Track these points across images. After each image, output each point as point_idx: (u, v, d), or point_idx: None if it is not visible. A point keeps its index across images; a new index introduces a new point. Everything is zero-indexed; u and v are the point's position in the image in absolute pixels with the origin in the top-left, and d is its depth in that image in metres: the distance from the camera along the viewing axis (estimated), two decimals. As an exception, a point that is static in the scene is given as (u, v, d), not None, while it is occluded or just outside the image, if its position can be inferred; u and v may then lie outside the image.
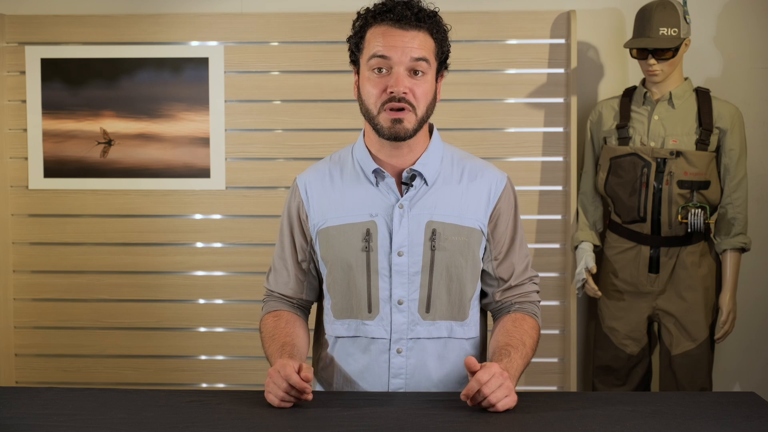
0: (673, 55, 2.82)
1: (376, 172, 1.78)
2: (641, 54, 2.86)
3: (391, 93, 1.69)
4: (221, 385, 3.27)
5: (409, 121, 1.71)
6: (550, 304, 3.19)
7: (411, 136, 1.73)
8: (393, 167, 1.79)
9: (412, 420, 1.55)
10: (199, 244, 3.25)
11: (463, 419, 1.55)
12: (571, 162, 3.11)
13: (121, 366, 3.29)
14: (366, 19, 1.74)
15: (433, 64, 1.74)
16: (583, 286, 3.03)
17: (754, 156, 3.15)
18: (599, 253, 3.08)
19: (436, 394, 1.74)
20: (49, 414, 1.59)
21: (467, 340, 1.83)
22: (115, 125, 3.21)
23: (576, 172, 3.12)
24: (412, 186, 1.78)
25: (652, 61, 2.83)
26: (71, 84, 3.20)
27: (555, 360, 3.23)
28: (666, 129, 2.88)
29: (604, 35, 3.23)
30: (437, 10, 1.76)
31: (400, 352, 1.78)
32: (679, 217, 2.85)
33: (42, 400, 1.68)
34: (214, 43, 3.19)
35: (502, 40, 3.16)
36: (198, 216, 3.24)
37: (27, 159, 3.23)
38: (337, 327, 1.82)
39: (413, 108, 1.71)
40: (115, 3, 3.24)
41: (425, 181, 1.78)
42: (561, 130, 3.17)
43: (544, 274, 3.17)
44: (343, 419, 1.55)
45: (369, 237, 1.77)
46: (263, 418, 1.56)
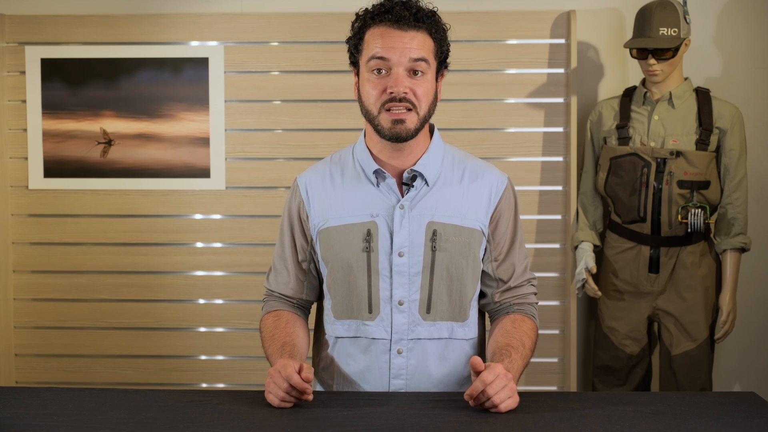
0: (673, 55, 2.82)
1: (376, 173, 1.78)
2: (641, 54, 2.86)
3: (391, 93, 1.69)
4: (221, 385, 3.27)
5: (411, 121, 1.71)
6: (550, 304, 3.19)
7: (413, 136, 1.73)
8: (394, 168, 1.79)
9: (412, 420, 1.55)
10: (199, 244, 3.25)
11: (464, 419, 1.55)
12: (571, 162, 3.11)
13: (121, 366, 3.29)
14: (364, 20, 1.74)
15: (433, 63, 1.73)
16: (583, 286, 3.03)
17: (754, 156, 3.15)
18: (599, 253, 3.08)
19: (437, 394, 1.74)
20: (49, 414, 1.59)
21: (467, 341, 1.83)
22: (115, 125, 3.21)
23: (576, 172, 3.12)
24: (412, 186, 1.78)
25: (652, 61, 2.83)
26: (71, 84, 3.20)
27: (555, 360, 3.23)
28: (666, 129, 2.88)
29: (604, 35, 3.23)
30: (436, 10, 1.76)
31: (400, 352, 1.78)
32: (679, 217, 2.85)
33: (42, 400, 1.68)
34: (214, 43, 3.19)
35: (502, 40, 3.16)
36: (198, 216, 3.24)
37: (27, 159, 3.23)
38: (338, 327, 1.82)
39: (415, 107, 1.71)
40: (115, 3, 3.24)
41: (426, 182, 1.78)
42: (561, 130, 3.17)
43: (544, 274, 3.17)
44: (343, 419, 1.55)
45: (370, 237, 1.77)
46: (263, 418, 1.56)
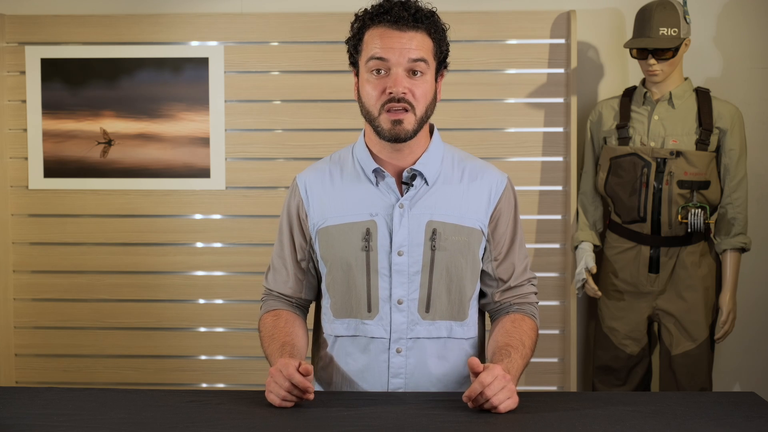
0: (673, 55, 2.82)
1: (376, 172, 1.78)
2: (641, 54, 2.86)
3: (390, 94, 1.69)
4: (221, 385, 3.27)
5: (409, 122, 1.71)
6: (550, 304, 3.19)
7: (411, 137, 1.73)
8: (393, 167, 1.79)
9: (412, 420, 1.55)
10: (199, 244, 3.25)
11: (463, 419, 1.55)
12: (571, 162, 3.11)
13: (121, 366, 3.29)
14: (363, 21, 1.74)
15: (432, 64, 1.73)
16: (583, 286, 3.03)
17: (754, 156, 3.15)
18: (599, 253, 3.08)
19: (436, 394, 1.74)
20: (49, 414, 1.59)
21: (467, 340, 1.83)
22: (115, 125, 3.21)
23: (576, 172, 3.12)
24: (412, 186, 1.78)
25: (652, 61, 2.83)
26: (71, 84, 3.20)
27: (555, 360, 3.23)
28: (666, 129, 2.88)
29: (604, 35, 3.23)
30: (435, 10, 1.76)
31: (399, 351, 1.78)
32: (679, 217, 2.85)
33: (42, 400, 1.68)
34: (214, 43, 3.19)
35: (502, 40, 3.16)
36: (198, 216, 3.24)
37: (27, 159, 3.23)
38: (337, 326, 1.82)
39: (412, 108, 1.71)
40: (115, 3, 3.24)
41: (425, 181, 1.78)
42: (561, 130, 3.17)
43: (544, 274, 3.17)
44: (343, 419, 1.55)
45: (369, 236, 1.77)
46: (263, 418, 1.56)
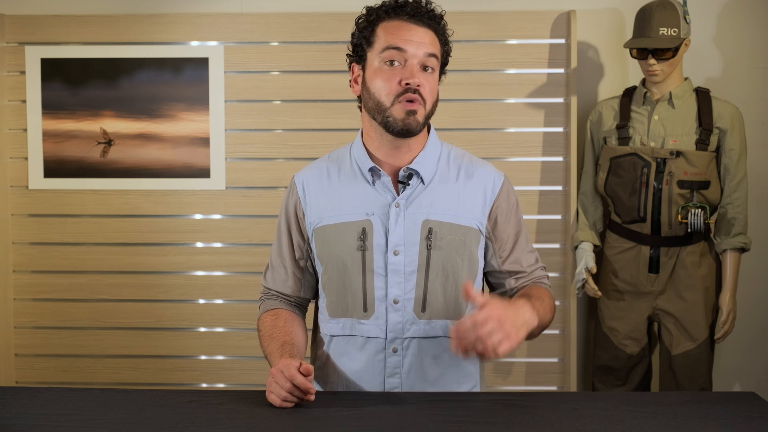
0: (673, 55, 2.82)
1: (372, 171, 1.78)
2: (641, 54, 2.86)
3: (407, 84, 1.69)
4: (221, 385, 3.27)
5: (421, 114, 1.72)
6: (550, 304, 3.19)
7: (419, 131, 1.74)
8: (391, 166, 1.79)
9: (412, 420, 1.55)
10: (199, 244, 3.25)
11: (463, 419, 1.55)
12: (571, 162, 3.11)
13: (121, 366, 3.29)
14: (378, 14, 1.76)
15: (439, 63, 1.76)
16: (583, 286, 3.03)
17: (754, 156, 3.15)
18: (599, 253, 3.08)
19: (436, 394, 1.74)
20: (49, 414, 1.59)
21: None
22: (115, 125, 3.21)
23: (576, 172, 3.12)
24: (408, 185, 1.78)
25: (652, 61, 2.83)
26: (71, 84, 3.20)
27: (555, 360, 3.23)
28: (666, 129, 2.88)
29: (604, 35, 3.23)
30: (444, 13, 1.78)
31: (395, 351, 1.78)
32: (679, 217, 2.85)
33: (42, 400, 1.68)
34: (214, 43, 3.19)
35: (502, 40, 3.16)
36: (198, 216, 3.24)
37: (27, 159, 3.23)
38: (333, 326, 1.82)
39: (424, 102, 1.72)
40: (115, 3, 3.24)
41: (422, 180, 1.78)
42: (561, 130, 3.17)
43: (544, 274, 3.17)
44: (343, 419, 1.55)
45: (364, 236, 1.77)
46: (263, 418, 1.56)
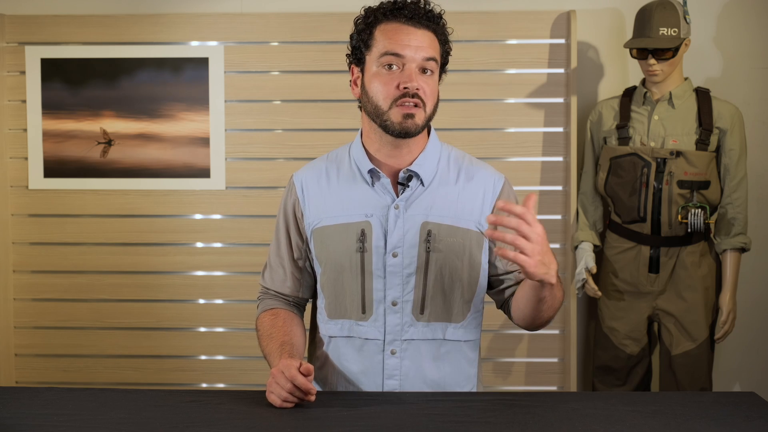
0: (673, 55, 2.82)
1: (371, 172, 1.78)
2: (641, 54, 2.86)
3: (405, 89, 1.69)
4: (221, 385, 3.27)
5: (420, 117, 1.71)
6: (550, 304, 3.19)
7: (419, 133, 1.73)
8: (390, 167, 1.78)
9: (411, 420, 1.55)
10: (199, 244, 3.25)
11: (463, 419, 1.55)
12: (571, 162, 3.11)
13: (121, 366, 3.29)
14: (375, 16, 1.74)
15: (438, 64, 1.75)
16: (583, 286, 3.03)
17: (754, 156, 3.15)
18: (599, 253, 3.08)
19: (436, 394, 1.74)
20: (49, 414, 1.59)
21: (464, 343, 1.82)
22: (115, 125, 3.21)
23: (576, 172, 3.12)
24: (408, 187, 1.77)
25: (652, 61, 2.83)
26: (71, 84, 3.20)
27: (555, 360, 3.23)
28: (666, 129, 2.88)
29: (604, 35, 3.23)
30: (443, 13, 1.76)
31: (394, 353, 1.77)
32: (679, 217, 2.85)
33: (42, 400, 1.68)
34: (214, 43, 3.19)
35: (502, 40, 3.16)
36: (198, 216, 3.24)
37: (27, 159, 3.23)
38: (331, 327, 1.82)
39: (424, 104, 1.71)
40: (115, 3, 3.24)
41: (421, 182, 1.78)
42: (561, 130, 3.17)
43: (544, 274, 3.17)
44: (343, 419, 1.55)
45: (363, 237, 1.76)
46: (263, 418, 1.56)
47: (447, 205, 1.78)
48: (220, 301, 3.26)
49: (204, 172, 3.21)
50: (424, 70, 1.71)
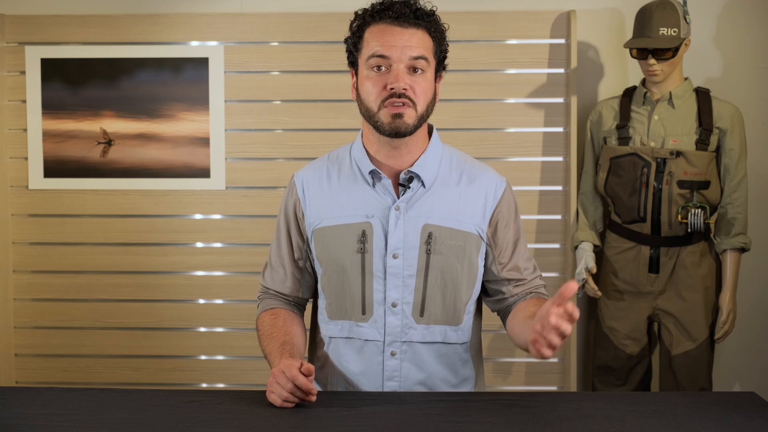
0: (673, 55, 2.82)
1: (372, 173, 1.78)
2: (641, 54, 2.86)
3: (391, 90, 1.68)
4: (221, 385, 3.27)
5: (410, 116, 1.70)
6: (550, 304, 3.19)
7: (411, 132, 1.72)
8: (391, 168, 1.78)
9: (412, 420, 1.55)
10: (199, 244, 3.25)
11: (464, 419, 1.55)
12: (571, 162, 3.11)
13: (121, 366, 3.29)
14: (364, 19, 1.74)
15: (432, 62, 1.73)
16: (583, 286, 3.03)
17: (754, 156, 3.15)
18: (599, 253, 3.08)
19: (436, 394, 1.74)
20: (49, 414, 1.59)
21: (461, 345, 1.82)
22: (115, 125, 3.21)
23: (576, 172, 3.12)
24: (409, 188, 1.77)
25: (652, 61, 2.83)
26: (71, 84, 3.20)
27: (555, 360, 3.23)
28: (666, 129, 2.88)
29: (604, 35, 3.23)
30: (435, 9, 1.76)
31: (393, 354, 1.78)
32: (679, 217, 2.85)
33: (42, 400, 1.68)
34: (214, 43, 3.19)
35: (502, 40, 3.16)
36: (198, 216, 3.24)
37: (27, 159, 3.23)
38: (331, 327, 1.82)
39: (413, 104, 1.70)
40: (115, 3, 3.24)
41: (423, 183, 1.77)
42: (561, 130, 3.17)
43: (544, 274, 3.14)
44: (343, 419, 1.55)
45: (364, 238, 1.76)
46: (263, 418, 1.56)
47: (448, 207, 1.77)
48: (220, 301, 3.26)
49: (204, 172, 3.21)
50: (414, 70, 1.70)
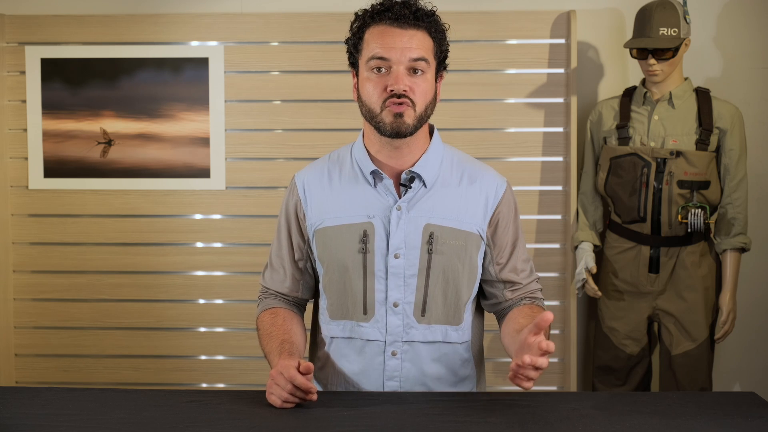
0: (673, 55, 2.82)
1: (374, 174, 1.78)
2: (641, 54, 2.86)
3: (391, 91, 1.69)
4: (221, 385, 3.27)
5: (410, 116, 1.70)
6: (550, 304, 3.19)
7: (411, 133, 1.72)
8: (392, 168, 1.78)
9: (412, 420, 1.55)
10: (199, 244, 3.25)
11: (463, 419, 1.55)
12: (571, 162, 3.11)
13: (121, 366, 3.29)
14: (364, 20, 1.74)
15: (432, 63, 1.73)
16: (583, 286, 3.03)
17: (754, 156, 3.15)
18: (599, 253, 3.08)
19: (436, 394, 1.74)
20: (49, 414, 1.59)
21: (461, 344, 1.82)
22: (115, 125, 3.21)
23: (576, 172, 3.12)
24: (410, 188, 1.77)
25: (652, 61, 2.83)
26: (71, 84, 3.20)
27: (555, 360, 3.23)
28: (666, 129, 2.88)
29: (604, 35, 3.23)
30: (435, 10, 1.76)
31: (395, 354, 1.78)
32: (679, 217, 2.85)
33: (42, 400, 1.68)
34: (214, 43, 3.19)
35: (502, 40, 3.16)
36: (198, 216, 3.24)
37: (27, 159, 3.23)
38: (333, 327, 1.82)
39: (413, 104, 1.70)
40: (115, 3, 3.24)
41: (424, 184, 1.77)
42: (561, 130, 3.17)
43: (544, 274, 3.17)
44: (343, 419, 1.55)
45: (366, 238, 1.76)
46: (263, 418, 1.56)
47: (449, 207, 1.78)
48: (220, 301, 3.26)
49: (204, 172, 3.21)
50: (414, 71, 1.70)
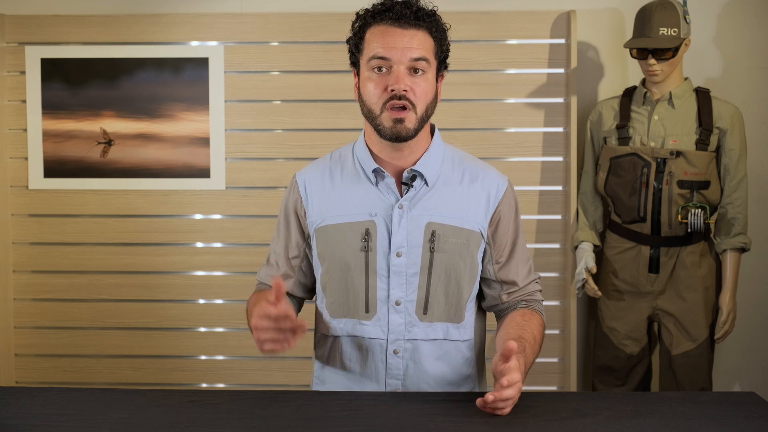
0: (673, 55, 2.82)
1: (376, 172, 1.78)
2: (641, 54, 2.86)
3: (392, 91, 1.68)
4: (221, 385, 3.27)
5: (410, 121, 1.70)
6: (550, 304, 3.19)
7: (412, 136, 1.72)
8: (394, 167, 1.78)
9: (412, 420, 1.55)
10: (199, 244, 3.25)
11: (463, 419, 1.55)
12: (571, 162, 3.11)
13: (121, 366, 3.29)
14: (365, 20, 1.74)
15: (433, 63, 1.73)
16: (583, 286, 3.03)
17: (754, 156, 3.15)
18: (599, 253, 3.08)
19: (436, 394, 1.74)
20: (49, 414, 1.59)
21: (463, 342, 1.83)
22: (115, 125, 3.21)
23: (576, 172, 3.12)
24: (412, 186, 1.78)
25: (652, 61, 2.83)
26: (71, 84, 3.20)
27: (555, 360, 3.23)
28: (666, 129, 2.88)
29: (604, 35, 3.23)
30: (436, 9, 1.76)
31: (396, 353, 1.78)
32: (679, 217, 2.85)
33: (42, 400, 1.68)
34: (214, 43, 3.19)
35: (502, 40, 3.16)
36: (198, 216, 3.24)
37: (27, 159, 3.23)
38: (334, 326, 1.82)
39: (413, 106, 1.70)
40: (115, 3, 3.24)
41: (425, 182, 1.78)
42: (561, 130, 3.17)
43: (544, 274, 3.17)
44: (343, 419, 1.55)
45: (368, 237, 1.76)
46: (263, 418, 1.56)
47: (451, 205, 1.78)
48: (220, 301, 3.26)
49: (204, 172, 3.21)
50: (415, 71, 1.70)
